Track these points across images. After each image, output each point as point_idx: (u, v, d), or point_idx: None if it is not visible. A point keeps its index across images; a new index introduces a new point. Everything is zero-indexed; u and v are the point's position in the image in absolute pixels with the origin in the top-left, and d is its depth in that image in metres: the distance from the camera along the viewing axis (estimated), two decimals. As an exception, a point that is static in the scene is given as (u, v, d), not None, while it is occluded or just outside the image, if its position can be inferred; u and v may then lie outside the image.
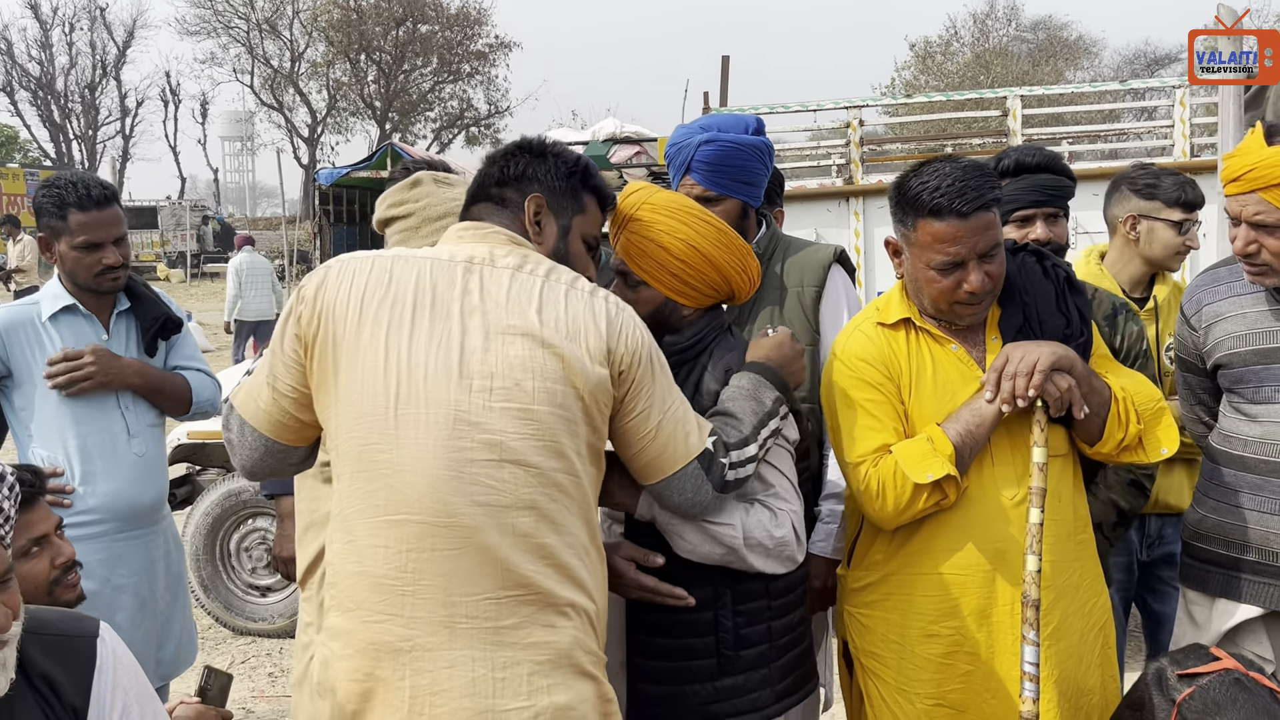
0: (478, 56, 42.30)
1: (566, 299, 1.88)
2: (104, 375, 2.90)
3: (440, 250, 1.94)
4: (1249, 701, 1.72)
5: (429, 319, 1.82)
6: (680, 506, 1.99)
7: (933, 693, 2.22)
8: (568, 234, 2.04)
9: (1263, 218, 2.26)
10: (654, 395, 1.92)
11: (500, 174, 2.03)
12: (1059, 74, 34.67)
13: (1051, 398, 2.11)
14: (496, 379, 1.79)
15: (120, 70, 48.17)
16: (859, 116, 5.31)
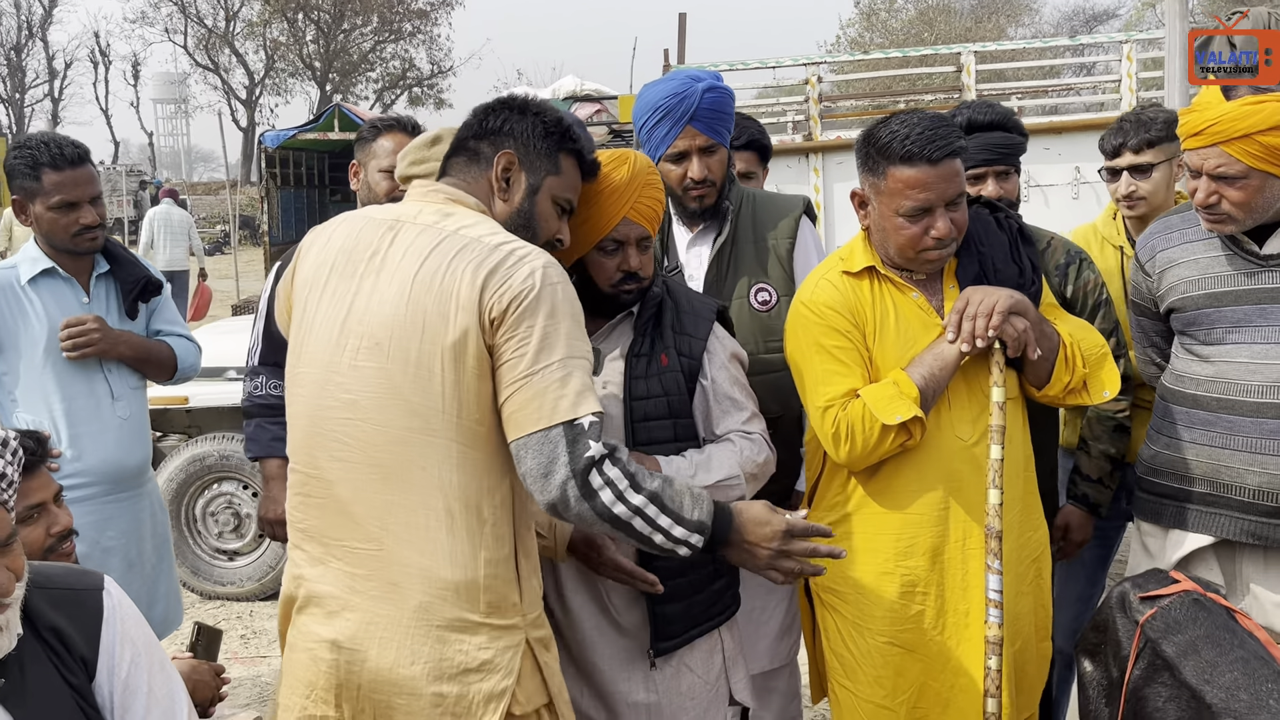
0: (419, 15, 41.53)
1: (459, 251, 1.83)
2: (104, 343, 2.92)
3: (391, 209, 2.00)
4: (1208, 619, 1.84)
5: (337, 280, 1.92)
6: (533, 474, 1.77)
7: (885, 630, 2.35)
8: (536, 193, 2.02)
9: (1224, 170, 2.34)
10: (530, 345, 1.79)
11: (479, 127, 2.04)
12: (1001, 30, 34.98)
13: (1010, 338, 2.21)
14: (365, 338, 1.85)
15: (47, 31, 46.60)
16: (817, 74, 5.37)
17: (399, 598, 1.82)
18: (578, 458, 1.76)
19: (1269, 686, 1.65)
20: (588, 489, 1.76)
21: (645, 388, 2.29)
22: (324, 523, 1.90)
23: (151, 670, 1.76)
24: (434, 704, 1.81)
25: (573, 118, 2.17)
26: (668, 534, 1.82)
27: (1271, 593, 2.45)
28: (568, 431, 1.76)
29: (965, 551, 2.29)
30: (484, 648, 1.82)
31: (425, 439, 1.80)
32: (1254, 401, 2.40)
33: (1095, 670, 2.04)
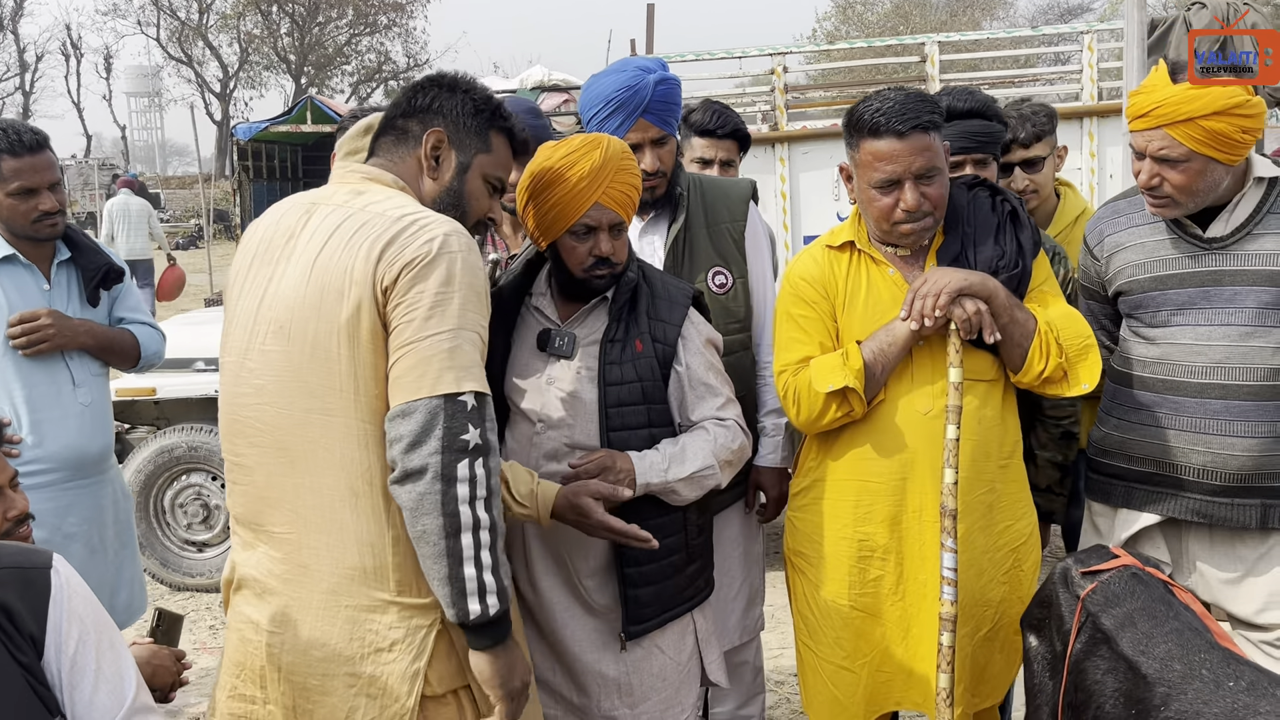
0: (394, 8, 41.31)
1: (361, 227, 1.81)
2: (60, 337, 2.92)
3: (306, 194, 2.01)
4: (1145, 593, 1.88)
5: (258, 267, 1.93)
6: (401, 441, 1.71)
7: (845, 594, 2.41)
8: (466, 171, 2.01)
9: (1167, 152, 2.37)
10: (419, 311, 1.74)
11: (407, 105, 2.02)
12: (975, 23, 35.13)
13: (959, 320, 2.25)
14: (271, 323, 1.85)
15: (18, 24, 46.04)
16: (783, 64, 5.40)
17: (311, 580, 1.83)
18: (452, 435, 1.70)
19: (1201, 657, 1.69)
20: (449, 474, 1.69)
21: (619, 373, 2.30)
22: (248, 509, 1.92)
23: (100, 649, 1.75)
24: (348, 684, 1.81)
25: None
26: (480, 571, 1.72)
27: (1217, 570, 2.50)
28: (448, 405, 1.70)
29: (922, 522, 2.33)
30: (394, 627, 1.81)
31: (326, 419, 1.79)
32: (1197, 382, 2.45)
33: (1040, 645, 2.08)
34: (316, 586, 1.83)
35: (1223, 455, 2.42)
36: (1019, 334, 2.30)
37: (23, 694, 1.65)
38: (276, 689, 1.87)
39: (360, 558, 1.80)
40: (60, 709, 1.71)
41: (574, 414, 2.31)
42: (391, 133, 2.03)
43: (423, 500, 1.69)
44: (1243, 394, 2.40)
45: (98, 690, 1.73)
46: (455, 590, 1.72)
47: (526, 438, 2.35)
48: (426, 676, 1.82)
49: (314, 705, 1.84)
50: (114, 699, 1.76)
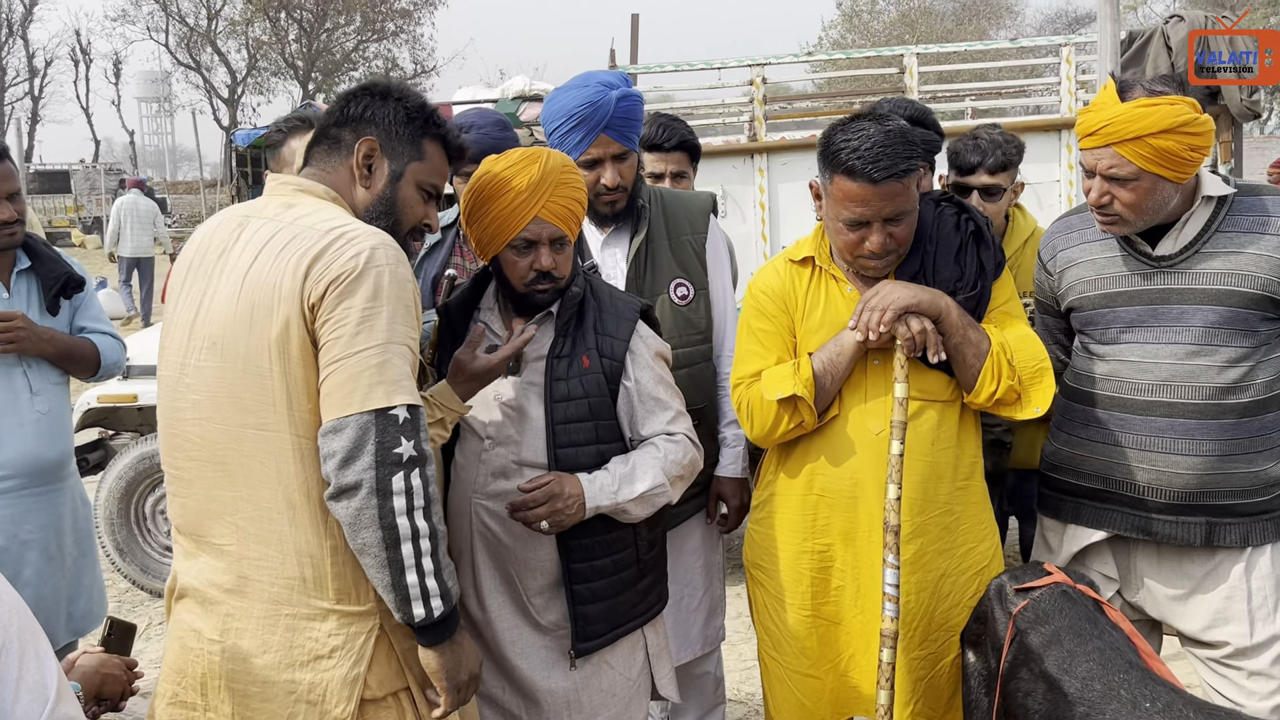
0: (402, 14, 41.41)
1: (290, 241, 1.82)
2: (26, 341, 2.93)
3: (240, 206, 2.01)
4: (1073, 611, 1.88)
5: (192, 280, 1.94)
6: (335, 457, 1.73)
7: (807, 604, 2.42)
8: (399, 179, 2.01)
9: (1116, 170, 2.36)
10: (346, 327, 1.75)
11: (340, 114, 2.02)
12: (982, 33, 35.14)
13: (903, 337, 2.24)
14: (205, 338, 1.86)
15: (27, 29, 46.29)
16: (761, 75, 5.41)
17: (252, 590, 1.85)
18: (385, 450, 1.72)
19: (1121, 677, 1.69)
20: (385, 488, 1.72)
21: (566, 389, 2.28)
22: (189, 520, 1.93)
23: (24, 656, 1.73)
24: (288, 691, 1.83)
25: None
26: (422, 578, 1.76)
27: (1165, 587, 2.50)
28: (379, 420, 1.72)
29: (873, 540, 2.33)
30: (334, 634, 1.84)
31: (260, 434, 1.81)
32: (1144, 400, 2.44)
33: (977, 661, 2.08)
34: (257, 596, 1.85)
35: (1167, 473, 2.41)
36: (971, 354, 2.29)
37: None
38: (217, 696, 1.89)
39: (299, 568, 1.83)
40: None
41: (521, 431, 2.31)
42: (325, 142, 2.03)
43: (360, 515, 1.72)
44: (1187, 412, 2.40)
45: (19, 698, 1.71)
46: (399, 597, 1.76)
47: (475, 454, 2.35)
48: (366, 680, 1.85)
49: (254, 712, 1.86)
50: (36, 706, 1.76)
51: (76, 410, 5.41)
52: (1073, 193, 5.20)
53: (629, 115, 2.72)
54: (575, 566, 2.28)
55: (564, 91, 2.78)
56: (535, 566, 2.32)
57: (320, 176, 2.00)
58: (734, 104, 5.67)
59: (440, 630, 1.82)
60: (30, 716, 1.73)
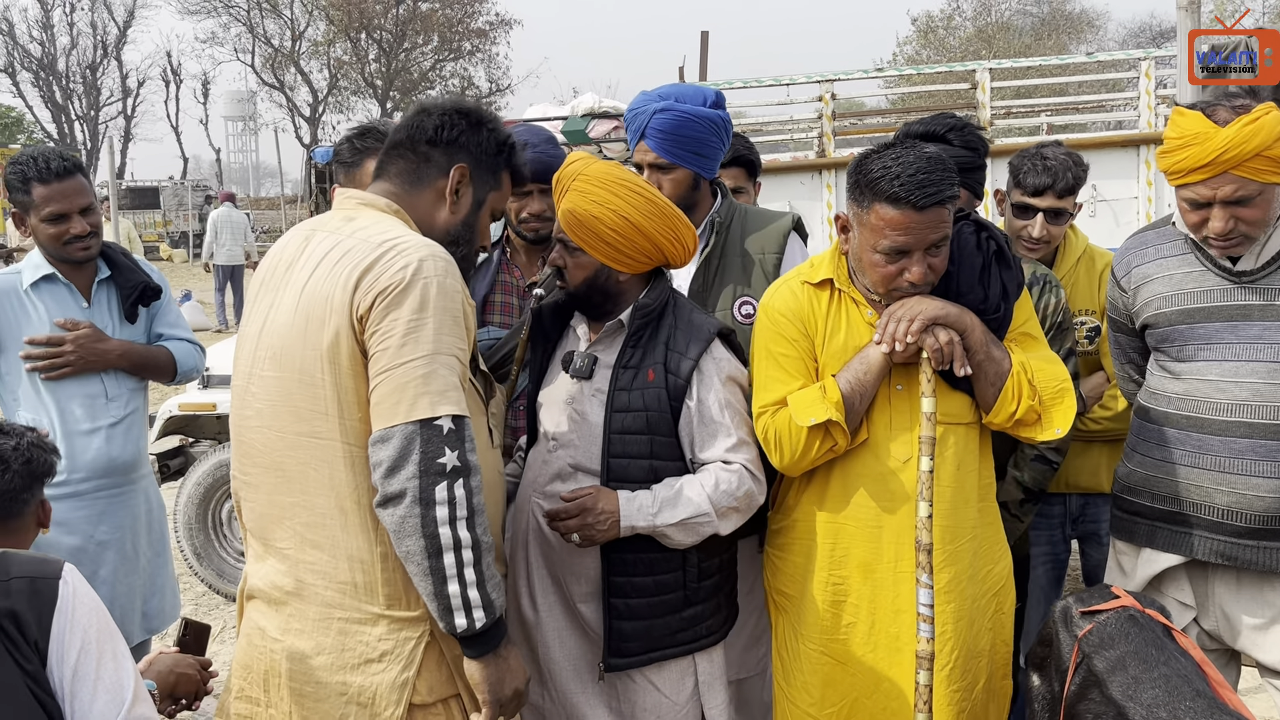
0: (478, 34, 42.10)
1: (345, 254, 1.88)
2: (83, 362, 3.02)
3: (311, 220, 2.06)
4: (1139, 635, 1.83)
5: (263, 294, 2.01)
6: (382, 466, 1.78)
7: (817, 639, 2.36)
8: (480, 207, 2.10)
9: (1241, 193, 2.30)
10: (393, 339, 1.80)
11: (434, 133, 2.05)
12: (1062, 47, 34.49)
13: (930, 349, 2.19)
14: (269, 349, 1.92)
15: (121, 50, 48.11)
16: (830, 91, 5.39)
17: (307, 593, 1.91)
18: (429, 460, 1.75)
19: (1187, 705, 1.64)
20: (428, 497, 1.75)
21: (627, 399, 2.29)
22: (256, 525, 2.00)
23: (102, 658, 1.82)
24: (339, 693, 1.88)
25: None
26: (464, 588, 1.78)
27: (1244, 614, 2.42)
28: (423, 430, 1.76)
29: (897, 573, 2.28)
30: (384, 639, 1.88)
31: (314, 441, 1.87)
32: (1223, 420, 2.37)
33: (1041, 684, 2.04)
34: (312, 599, 1.90)
35: (1248, 496, 2.34)
36: (993, 372, 2.24)
37: (26, 700, 1.72)
38: (277, 693, 1.95)
39: (351, 573, 1.88)
40: (62, 717, 1.76)
41: (581, 435, 2.33)
42: (410, 157, 2.06)
43: (404, 523, 1.76)
44: (1269, 433, 2.32)
45: (96, 698, 1.79)
46: (441, 606, 1.80)
47: (541, 456, 2.39)
48: (415, 686, 1.88)
49: (309, 712, 1.92)
50: (113, 707, 1.82)
51: (159, 418, 5.58)
52: (1151, 209, 5.08)
53: (664, 128, 2.72)
54: (615, 580, 2.29)
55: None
56: (580, 573, 2.33)
57: (399, 195, 2.04)
58: (802, 120, 5.66)
59: (484, 642, 1.85)
60: (107, 716, 1.79)
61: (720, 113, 2.85)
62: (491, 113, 2.15)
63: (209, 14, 43.63)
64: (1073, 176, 3.01)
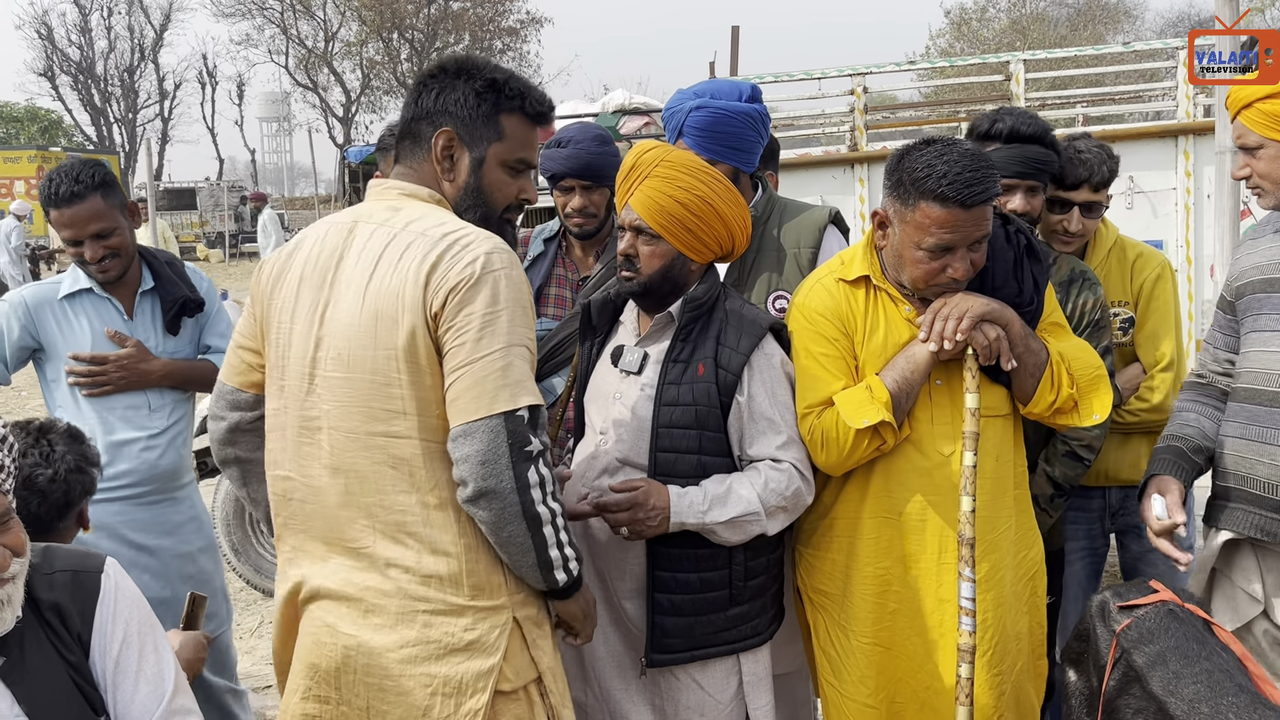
0: (509, 32, 42.25)
1: (406, 249, 1.84)
2: (125, 382, 3.03)
3: (345, 212, 2.01)
4: (1180, 630, 1.81)
5: (308, 291, 1.94)
6: (470, 461, 1.79)
7: (868, 630, 2.36)
8: (482, 165, 1.98)
9: (1243, 140, 2.34)
10: (469, 334, 1.79)
11: (416, 106, 1.98)
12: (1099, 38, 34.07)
13: (979, 345, 2.20)
14: (331, 348, 1.88)
15: (158, 53, 48.74)
16: (863, 84, 5.36)
17: (390, 588, 1.90)
18: (518, 449, 1.78)
19: (1229, 700, 1.62)
20: (524, 483, 1.79)
21: (675, 394, 2.28)
22: (318, 526, 1.97)
23: (144, 650, 1.86)
24: (424, 685, 1.87)
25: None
26: (561, 549, 1.88)
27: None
28: (508, 422, 1.78)
29: (941, 566, 2.28)
30: (470, 629, 1.88)
31: (392, 441, 1.86)
32: (1273, 390, 2.30)
33: (1079, 680, 2.02)
34: (394, 594, 1.90)
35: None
36: (1033, 364, 2.25)
37: (69, 691, 1.76)
38: (351, 690, 1.94)
39: (435, 566, 1.88)
40: (104, 708, 1.80)
41: (630, 430, 2.32)
42: (408, 138, 2.01)
43: (504, 513, 1.81)
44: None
45: (138, 689, 1.84)
46: (545, 572, 1.88)
47: (591, 450, 2.39)
48: (503, 672, 1.89)
49: (389, 705, 1.90)
50: (154, 699, 1.85)
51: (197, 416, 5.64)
52: (1190, 200, 5.00)
53: (701, 125, 2.71)
54: (660, 574, 2.28)
55: None
56: (625, 569, 2.32)
57: (409, 175, 2.00)
58: (834, 114, 5.63)
59: (576, 584, 1.95)
60: (149, 706, 1.83)
61: (757, 106, 2.84)
62: (474, 62, 2.00)
63: (243, 16, 44.12)
64: (1107, 169, 2.98)
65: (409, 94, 2.03)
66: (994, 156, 2.62)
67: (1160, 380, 3.02)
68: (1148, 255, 3.12)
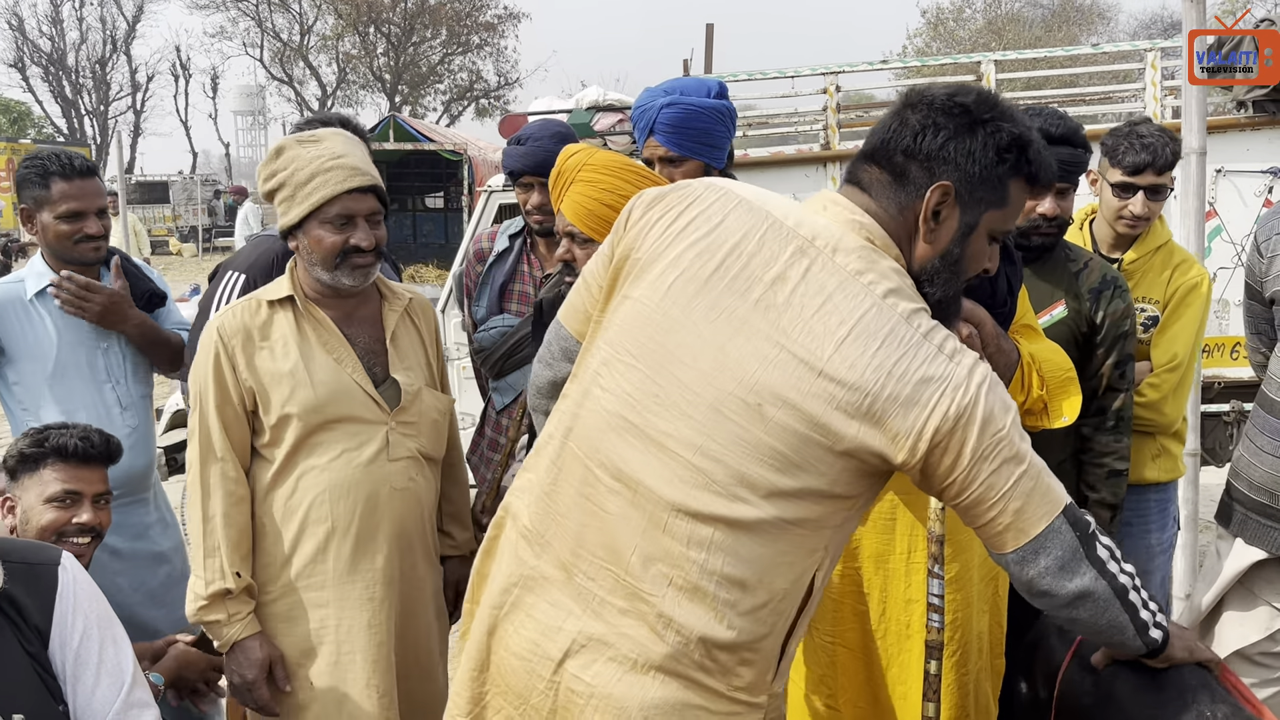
0: (486, 28, 42.11)
1: (886, 336, 1.50)
2: (104, 315, 2.99)
3: (794, 212, 1.64)
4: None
5: (723, 288, 1.58)
6: (1051, 571, 1.58)
7: (830, 630, 2.37)
8: (970, 233, 1.61)
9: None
10: (997, 469, 1.52)
11: (912, 143, 1.60)
12: (1073, 39, 34.33)
13: None
14: (742, 386, 1.54)
15: (130, 45, 48.23)
16: (835, 83, 5.37)
17: None
18: (1084, 535, 1.58)
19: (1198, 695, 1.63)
20: (1097, 560, 1.58)
21: None
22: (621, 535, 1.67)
23: (103, 643, 1.86)
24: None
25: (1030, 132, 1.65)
26: (1152, 612, 1.65)
27: None
28: (1068, 513, 1.57)
29: (910, 565, 2.29)
30: None
31: (755, 514, 1.55)
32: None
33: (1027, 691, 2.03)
34: None
35: None
36: (1003, 364, 2.25)
37: (31, 680, 1.76)
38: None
39: None
40: (64, 698, 1.79)
41: None
42: (887, 168, 1.62)
43: (1090, 597, 1.59)
44: None
45: (99, 682, 1.84)
46: (1144, 637, 1.65)
47: None
48: None
49: None
50: (114, 691, 1.85)
51: (165, 411, 5.58)
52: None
53: (674, 122, 2.72)
54: None
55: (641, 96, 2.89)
56: None
57: (881, 217, 1.61)
58: (808, 113, 5.64)
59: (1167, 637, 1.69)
60: (109, 698, 1.84)
61: (725, 103, 2.86)
62: (1000, 108, 1.62)
63: (217, 8, 43.69)
64: (1170, 152, 2.97)
65: (897, 114, 1.64)
66: None
67: (1164, 379, 3.00)
68: (1191, 264, 3.09)
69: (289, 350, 2.38)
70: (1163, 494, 3.11)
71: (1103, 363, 2.68)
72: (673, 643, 1.54)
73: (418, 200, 16.13)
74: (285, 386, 2.36)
